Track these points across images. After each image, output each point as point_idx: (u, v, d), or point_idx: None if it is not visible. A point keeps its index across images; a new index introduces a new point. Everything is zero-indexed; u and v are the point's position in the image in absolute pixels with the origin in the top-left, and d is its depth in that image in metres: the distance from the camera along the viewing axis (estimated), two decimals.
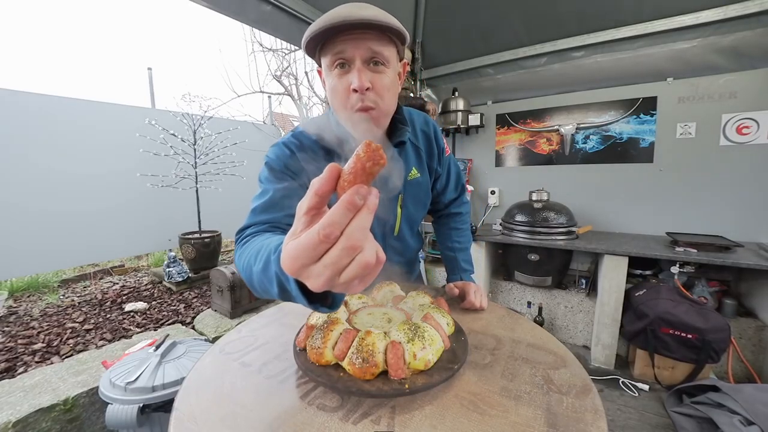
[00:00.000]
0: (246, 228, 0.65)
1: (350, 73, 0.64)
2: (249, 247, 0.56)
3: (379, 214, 0.88)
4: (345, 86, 0.65)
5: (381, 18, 0.61)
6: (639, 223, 2.36)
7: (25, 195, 2.68)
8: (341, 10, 0.61)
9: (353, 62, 0.64)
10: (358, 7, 0.62)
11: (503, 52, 2.54)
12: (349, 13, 0.60)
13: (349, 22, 0.59)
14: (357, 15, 0.59)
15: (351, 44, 0.62)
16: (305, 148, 0.75)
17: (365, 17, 0.59)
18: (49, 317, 2.38)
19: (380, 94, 0.66)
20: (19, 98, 2.64)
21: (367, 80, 0.64)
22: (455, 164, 1.04)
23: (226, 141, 3.64)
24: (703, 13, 1.91)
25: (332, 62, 0.65)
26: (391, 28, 0.63)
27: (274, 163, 0.73)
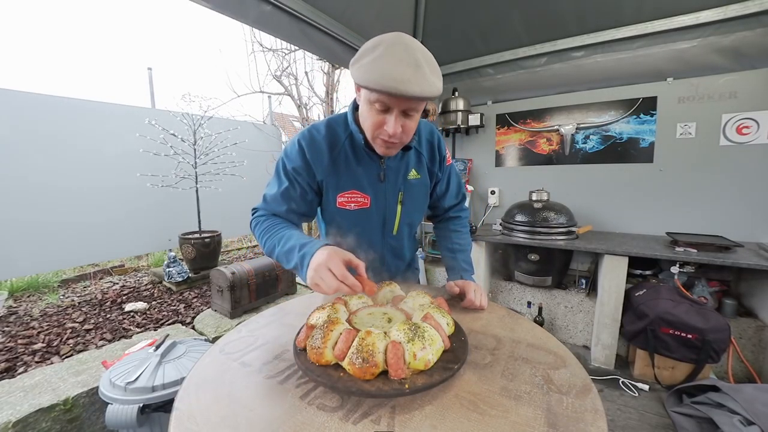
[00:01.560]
0: (258, 209, 0.91)
1: (387, 114, 0.75)
2: (270, 230, 0.84)
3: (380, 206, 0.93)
4: (380, 122, 0.76)
5: (428, 92, 0.69)
6: (639, 223, 2.36)
7: (25, 195, 2.68)
8: (396, 76, 0.67)
9: (392, 109, 0.74)
10: (412, 73, 0.67)
11: (503, 52, 2.54)
12: (404, 86, 0.67)
13: (404, 95, 0.67)
14: (409, 91, 0.67)
15: (395, 100, 0.71)
16: (314, 142, 0.86)
17: (415, 94, 0.68)
18: (49, 317, 2.38)
19: (407, 134, 0.78)
20: (19, 98, 2.64)
21: (400, 126, 0.75)
22: (457, 174, 1.10)
23: (226, 141, 3.64)
24: (703, 13, 1.91)
25: (374, 100, 0.74)
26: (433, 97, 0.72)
27: (286, 161, 0.88)
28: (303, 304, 0.93)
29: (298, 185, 0.87)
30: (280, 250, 0.79)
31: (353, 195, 0.90)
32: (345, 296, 0.79)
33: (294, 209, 0.89)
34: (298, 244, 0.75)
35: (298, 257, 0.73)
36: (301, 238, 0.78)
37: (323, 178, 0.88)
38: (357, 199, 0.91)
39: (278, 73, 4.72)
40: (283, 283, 2.44)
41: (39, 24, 25.72)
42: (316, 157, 0.86)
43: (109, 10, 24.96)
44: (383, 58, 0.68)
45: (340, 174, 0.89)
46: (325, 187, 0.90)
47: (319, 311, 0.70)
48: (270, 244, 0.82)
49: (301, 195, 0.88)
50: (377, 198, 0.93)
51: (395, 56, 0.68)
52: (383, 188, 0.92)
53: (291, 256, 0.75)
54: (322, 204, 0.93)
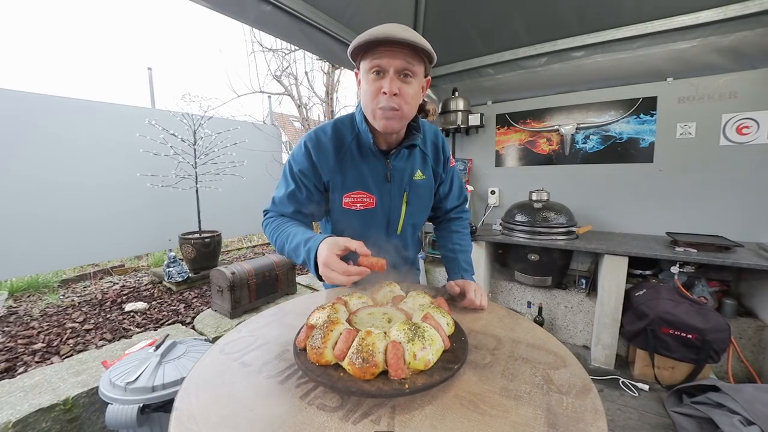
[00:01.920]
0: (268, 211, 0.95)
1: (383, 79, 0.77)
2: (279, 229, 0.87)
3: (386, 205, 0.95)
4: (377, 88, 0.78)
5: (417, 40, 0.74)
6: (639, 223, 2.36)
7: (25, 195, 2.68)
8: (386, 29, 0.74)
9: (387, 71, 0.76)
10: (401, 29, 0.74)
11: (503, 52, 2.54)
12: (393, 31, 0.73)
13: (392, 39, 0.72)
14: (398, 35, 0.72)
15: (388, 56, 0.75)
16: (320, 144, 0.88)
17: (405, 38, 0.72)
18: (49, 317, 2.38)
19: (405, 99, 0.79)
20: (18, 98, 2.64)
21: (396, 87, 0.76)
22: (459, 177, 1.12)
23: (226, 141, 3.64)
24: (703, 13, 1.91)
25: (370, 68, 0.77)
26: (424, 49, 0.76)
27: (293, 163, 0.91)
28: (303, 304, 0.93)
29: (305, 187, 0.90)
30: (288, 247, 0.82)
31: (359, 195, 0.92)
32: (346, 296, 0.79)
33: (301, 210, 0.91)
34: (303, 240, 0.78)
35: (305, 252, 0.76)
36: (305, 233, 0.80)
37: (329, 178, 0.90)
38: (363, 200, 0.92)
39: (278, 73, 4.72)
40: (283, 283, 2.44)
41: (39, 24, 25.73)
42: (321, 159, 0.88)
43: (109, 10, 24.98)
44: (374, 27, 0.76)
45: (346, 174, 0.90)
46: (331, 188, 0.91)
47: (319, 311, 0.70)
48: (280, 242, 0.86)
49: (308, 197, 0.90)
50: (383, 198, 0.94)
51: (384, 24, 0.76)
52: (389, 188, 0.94)
53: (299, 252, 0.78)
54: (328, 204, 0.95)
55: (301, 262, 0.79)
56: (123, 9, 24.02)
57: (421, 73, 0.81)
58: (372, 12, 2.20)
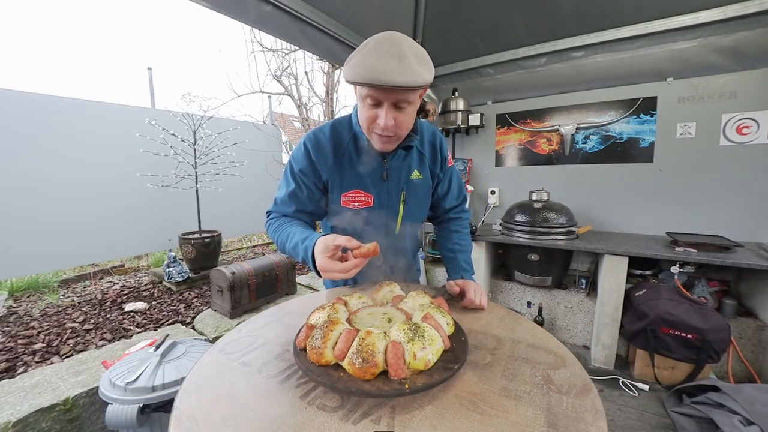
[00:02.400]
0: (271, 212, 0.97)
1: (379, 108, 0.76)
2: (279, 229, 0.90)
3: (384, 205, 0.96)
4: (372, 116, 0.78)
5: (412, 82, 0.70)
6: (639, 223, 2.36)
7: (25, 195, 2.68)
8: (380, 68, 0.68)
9: (382, 103, 0.76)
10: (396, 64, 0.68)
11: (503, 52, 2.54)
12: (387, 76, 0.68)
13: (386, 85, 0.69)
14: (393, 81, 0.68)
15: (383, 93, 0.73)
16: (319, 144, 0.90)
17: (399, 84, 0.68)
18: (49, 317, 2.38)
19: (400, 126, 0.79)
20: (18, 98, 2.64)
21: (392, 119, 0.76)
22: (458, 177, 1.12)
23: (226, 141, 3.64)
24: (703, 13, 1.91)
25: (365, 96, 0.76)
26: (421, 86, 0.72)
27: (294, 164, 0.92)
28: (303, 304, 0.93)
29: (305, 186, 0.91)
30: (288, 246, 0.85)
31: (357, 194, 0.93)
32: (346, 296, 0.79)
33: (302, 209, 0.93)
34: (300, 239, 0.81)
35: (303, 251, 0.79)
36: (303, 232, 0.83)
37: (328, 177, 0.91)
38: (360, 199, 0.93)
39: (278, 73, 4.72)
40: (283, 283, 2.44)
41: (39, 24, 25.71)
42: (320, 158, 0.89)
43: (110, 10, 24.99)
44: (369, 54, 0.71)
45: (344, 174, 0.91)
46: (330, 187, 0.93)
47: (319, 311, 0.70)
48: (281, 241, 0.88)
49: (309, 195, 0.92)
50: (380, 197, 0.95)
51: (380, 50, 0.70)
52: (386, 187, 0.95)
53: (298, 251, 0.81)
54: (328, 203, 0.96)
55: (301, 261, 0.81)
56: (123, 9, 24.05)
57: (417, 96, 0.80)
58: (372, 12, 2.20)
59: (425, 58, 0.74)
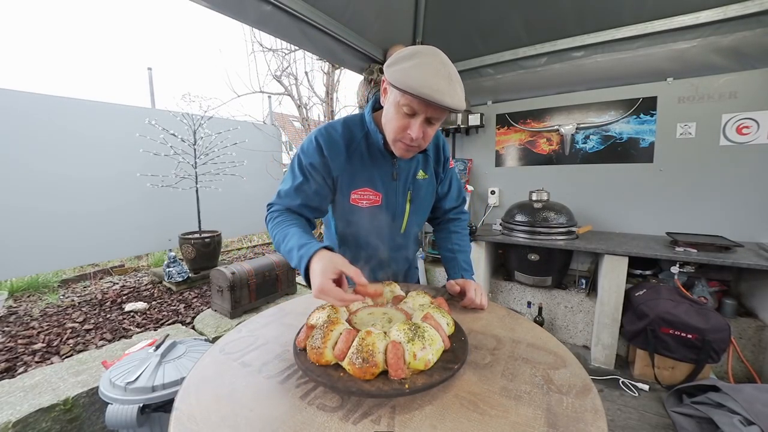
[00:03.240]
0: (273, 204, 0.93)
1: (412, 119, 0.78)
2: (279, 226, 0.86)
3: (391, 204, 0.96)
4: (403, 125, 0.79)
5: (458, 106, 0.73)
6: (639, 223, 2.36)
7: (25, 195, 2.68)
8: (434, 85, 0.71)
9: (418, 115, 0.77)
10: (447, 85, 0.72)
11: (503, 52, 2.54)
12: (440, 95, 0.70)
13: (438, 104, 0.71)
14: (443, 101, 0.71)
15: (424, 106, 0.75)
16: (332, 141, 0.89)
17: (448, 105, 0.71)
18: (49, 317, 2.38)
19: (426, 140, 0.82)
20: (18, 98, 2.64)
21: (422, 132, 0.78)
22: (457, 178, 1.13)
23: (226, 141, 3.64)
24: (703, 13, 1.91)
25: (403, 104, 0.76)
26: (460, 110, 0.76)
27: (302, 157, 0.90)
28: (303, 304, 0.93)
29: (314, 180, 0.89)
30: (284, 247, 0.82)
31: (366, 192, 0.93)
32: None
33: (307, 204, 0.91)
34: (297, 245, 0.77)
35: (297, 258, 0.76)
36: (301, 237, 0.79)
37: (339, 174, 0.90)
38: (369, 197, 0.93)
39: (278, 73, 4.72)
40: (283, 283, 2.44)
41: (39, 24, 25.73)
42: (333, 154, 0.88)
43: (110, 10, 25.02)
44: (422, 67, 0.72)
45: (355, 171, 0.91)
46: (339, 184, 0.92)
47: (319, 311, 0.70)
48: (277, 239, 0.85)
49: (316, 190, 0.91)
50: (388, 196, 0.95)
51: (432, 67, 0.72)
52: (395, 186, 0.95)
53: (292, 256, 0.78)
54: (335, 200, 0.95)
55: (294, 266, 0.79)
56: (123, 9, 24.09)
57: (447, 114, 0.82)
58: (372, 12, 2.20)
59: (462, 83, 0.77)
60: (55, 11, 25.61)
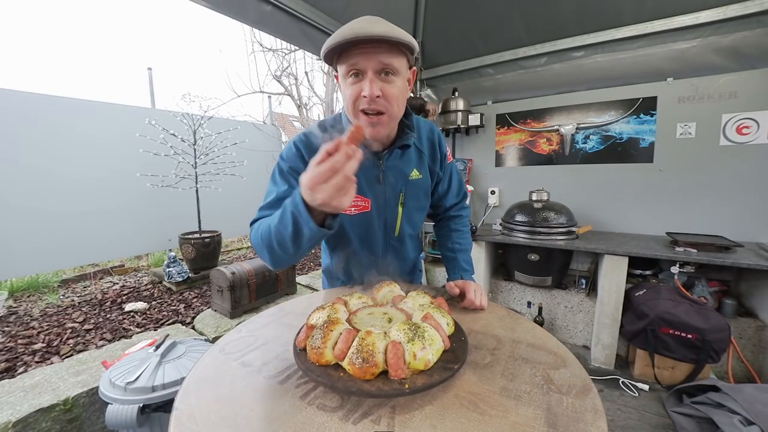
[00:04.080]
0: (255, 221, 0.82)
1: (363, 81, 0.72)
2: (263, 224, 0.74)
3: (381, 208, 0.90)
4: (357, 92, 0.73)
5: (391, 34, 0.68)
6: (639, 223, 2.36)
7: (25, 195, 2.68)
8: (356, 26, 0.68)
9: (366, 73, 0.71)
10: (372, 23, 0.69)
11: (503, 52, 2.54)
12: (363, 28, 0.67)
13: (362, 37, 0.67)
14: (370, 31, 0.67)
15: (364, 57, 0.70)
16: (312, 146, 0.84)
17: (377, 33, 0.67)
18: (49, 317, 2.38)
19: (389, 100, 0.74)
20: (18, 98, 2.64)
21: (378, 89, 0.71)
22: (457, 173, 1.09)
23: (226, 141, 3.64)
24: (703, 13, 1.91)
25: (347, 71, 0.73)
26: (401, 42, 0.70)
27: (283, 164, 0.85)
28: (303, 304, 0.93)
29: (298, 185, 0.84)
30: (274, 226, 0.68)
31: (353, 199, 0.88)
32: (346, 296, 0.79)
33: None
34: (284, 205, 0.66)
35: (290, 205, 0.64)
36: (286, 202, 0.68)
37: None
38: (357, 203, 0.89)
39: (278, 73, 4.73)
40: (283, 283, 2.44)
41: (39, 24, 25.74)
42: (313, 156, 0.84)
43: (110, 10, 25.02)
44: (344, 26, 0.71)
45: None
46: None
47: (319, 311, 0.70)
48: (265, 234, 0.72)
49: None
50: (377, 200, 0.91)
51: (354, 20, 0.71)
52: (383, 190, 0.91)
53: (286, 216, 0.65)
54: None
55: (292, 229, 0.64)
56: (123, 9, 24.08)
57: (404, 68, 0.76)
58: (372, 12, 2.19)
59: (403, 30, 0.73)
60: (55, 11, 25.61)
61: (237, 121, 4.24)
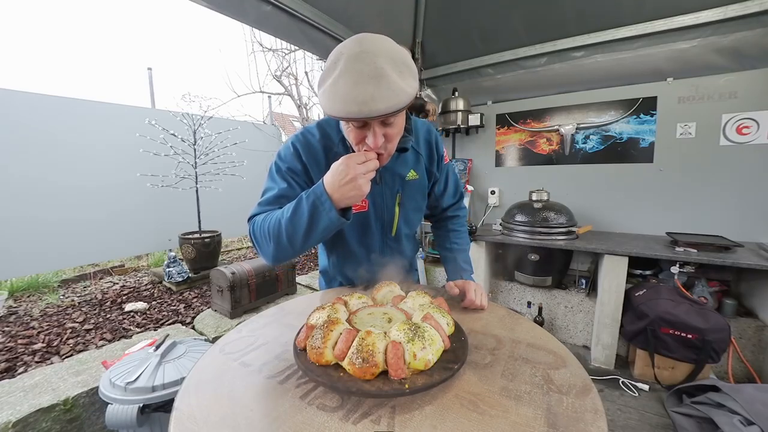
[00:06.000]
0: (254, 215, 0.84)
1: (366, 129, 0.71)
2: (268, 217, 0.77)
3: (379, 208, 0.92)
4: (360, 137, 0.73)
5: (397, 105, 0.64)
6: (639, 223, 2.36)
7: (25, 196, 2.68)
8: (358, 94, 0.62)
9: (369, 125, 0.70)
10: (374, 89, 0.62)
11: (503, 52, 2.54)
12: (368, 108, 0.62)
13: (371, 117, 0.64)
14: (378, 110, 0.62)
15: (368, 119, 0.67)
16: (309, 146, 0.86)
17: (382, 112, 0.63)
18: (49, 317, 2.38)
19: (390, 141, 0.76)
20: (18, 98, 2.64)
21: (381, 137, 0.71)
22: (454, 173, 1.10)
23: (226, 141, 3.64)
24: (703, 13, 1.91)
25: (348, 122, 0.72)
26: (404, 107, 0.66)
27: (280, 163, 0.86)
28: (303, 304, 0.93)
29: (296, 184, 0.85)
30: (286, 219, 0.72)
31: None
32: (346, 296, 0.79)
33: None
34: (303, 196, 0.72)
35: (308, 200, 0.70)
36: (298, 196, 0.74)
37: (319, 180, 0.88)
38: None
39: (278, 73, 4.72)
40: (283, 283, 2.44)
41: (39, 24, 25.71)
42: (312, 160, 0.85)
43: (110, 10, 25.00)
44: (342, 78, 0.63)
45: None
46: None
47: (319, 311, 0.70)
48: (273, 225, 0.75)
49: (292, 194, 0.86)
50: (375, 200, 0.92)
51: (355, 71, 0.62)
52: (380, 190, 0.92)
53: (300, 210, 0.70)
54: None
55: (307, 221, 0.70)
56: (123, 9, 24.08)
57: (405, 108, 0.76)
58: (372, 12, 2.20)
59: (407, 65, 0.67)
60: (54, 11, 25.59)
61: (237, 121, 4.24)
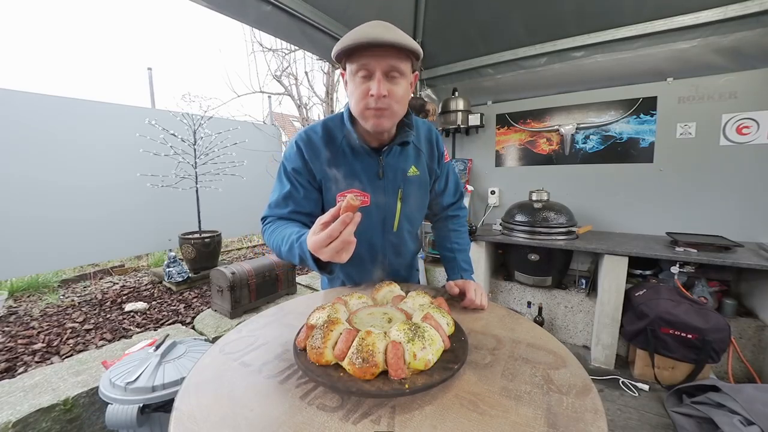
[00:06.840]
0: (266, 217, 0.92)
1: (371, 81, 0.77)
2: (275, 233, 0.84)
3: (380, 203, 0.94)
4: (365, 90, 0.78)
5: (401, 41, 0.74)
6: (639, 223, 2.36)
7: (25, 196, 2.68)
8: (370, 31, 0.74)
9: (374, 73, 0.76)
10: (385, 29, 0.75)
11: (503, 52, 2.54)
12: (378, 34, 0.73)
13: (376, 42, 0.73)
14: (382, 38, 0.72)
15: (374, 59, 0.75)
16: (312, 144, 0.89)
17: (389, 40, 0.73)
18: (49, 317, 2.38)
19: (394, 99, 0.79)
20: (18, 98, 2.64)
21: (385, 89, 0.77)
22: (454, 173, 1.11)
23: (226, 141, 3.64)
24: (703, 13, 1.91)
25: (357, 70, 0.78)
26: (409, 49, 0.76)
27: (286, 164, 0.91)
28: (303, 304, 0.93)
29: (300, 186, 0.89)
30: (284, 249, 0.79)
31: (353, 193, 0.90)
32: (346, 296, 0.79)
33: (299, 210, 0.90)
34: (295, 239, 0.75)
35: (298, 249, 0.73)
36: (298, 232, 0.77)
37: (322, 177, 0.90)
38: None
39: (278, 73, 4.73)
40: (283, 283, 2.44)
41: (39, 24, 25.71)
42: (314, 157, 0.88)
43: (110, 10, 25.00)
44: (357, 27, 0.76)
45: (339, 173, 0.90)
46: (324, 187, 0.91)
47: (319, 311, 0.70)
48: (277, 245, 0.83)
49: (305, 195, 0.90)
50: (377, 195, 0.93)
51: (367, 24, 0.77)
52: (382, 185, 0.93)
53: (294, 252, 0.75)
54: (324, 203, 0.94)
55: (299, 262, 0.76)
56: (123, 9, 24.07)
57: (409, 71, 0.81)
58: (372, 12, 2.20)
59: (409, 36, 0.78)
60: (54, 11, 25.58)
61: (237, 121, 4.24)
